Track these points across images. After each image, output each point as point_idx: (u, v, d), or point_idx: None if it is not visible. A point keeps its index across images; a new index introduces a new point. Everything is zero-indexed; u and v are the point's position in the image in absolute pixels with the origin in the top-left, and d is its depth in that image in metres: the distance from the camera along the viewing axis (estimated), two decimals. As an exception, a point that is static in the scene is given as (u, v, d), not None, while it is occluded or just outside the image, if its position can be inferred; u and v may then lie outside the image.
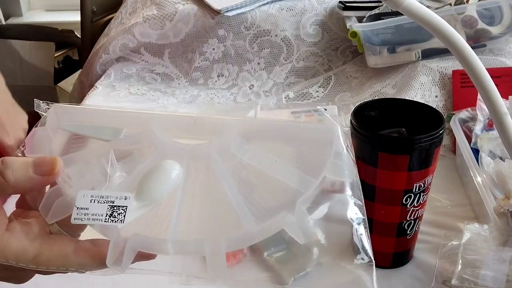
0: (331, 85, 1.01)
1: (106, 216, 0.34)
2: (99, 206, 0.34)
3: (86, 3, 1.39)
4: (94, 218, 0.33)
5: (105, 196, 0.34)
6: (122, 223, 0.33)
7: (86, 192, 0.34)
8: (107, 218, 0.33)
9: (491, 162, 0.61)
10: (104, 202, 0.34)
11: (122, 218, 0.33)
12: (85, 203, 0.34)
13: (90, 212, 0.34)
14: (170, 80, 1.08)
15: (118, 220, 0.33)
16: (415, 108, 0.57)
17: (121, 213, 0.34)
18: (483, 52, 0.91)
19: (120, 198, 0.34)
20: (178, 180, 0.36)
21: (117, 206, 0.34)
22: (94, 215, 0.34)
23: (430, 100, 0.85)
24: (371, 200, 0.54)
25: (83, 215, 0.33)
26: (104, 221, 0.33)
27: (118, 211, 0.34)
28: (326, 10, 1.06)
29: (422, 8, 0.45)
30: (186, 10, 1.05)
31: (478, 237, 0.54)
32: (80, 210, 0.34)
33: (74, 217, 0.34)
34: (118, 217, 0.34)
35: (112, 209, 0.34)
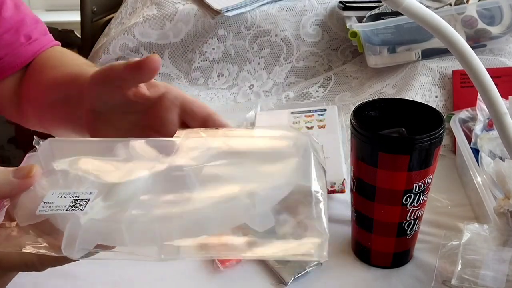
0: (331, 85, 1.01)
1: (69, 206, 0.35)
2: (64, 200, 0.36)
3: (86, 3, 1.39)
4: (57, 209, 0.35)
5: (72, 193, 0.36)
6: (82, 211, 0.35)
7: (56, 190, 0.36)
8: (69, 208, 0.35)
9: (491, 162, 0.61)
10: (70, 197, 0.36)
11: (83, 208, 0.35)
12: (52, 199, 0.36)
13: (54, 205, 0.35)
14: (170, 80, 1.08)
15: (79, 209, 0.35)
16: (415, 108, 0.57)
17: (83, 204, 0.35)
18: (483, 52, 0.91)
19: (85, 193, 0.36)
20: (145, 185, 0.38)
21: (80, 199, 0.36)
22: (58, 206, 0.35)
23: (430, 100, 0.85)
24: (371, 200, 0.54)
25: (48, 207, 0.35)
26: (66, 210, 0.35)
27: (81, 202, 0.35)
28: (326, 10, 1.06)
29: (422, 8, 0.45)
30: (186, 10, 1.05)
31: (478, 237, 0.54)
32: (45, 204, 0.35)
33: (39, 210, 0.35)
34: (79, 207, 0.35)
35: (75, 202, 0.35)
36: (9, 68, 0.69)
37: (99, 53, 1.10)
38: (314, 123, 0.81)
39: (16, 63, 0.70)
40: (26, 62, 0.70)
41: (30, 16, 0.74)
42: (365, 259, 0.59)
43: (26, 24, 0.72)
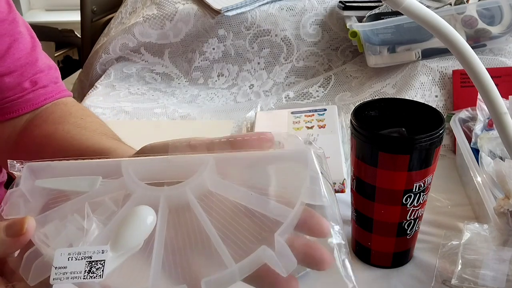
0: (331, 85, 1.01)
1: (85, 272, 0.33)
2: (77, 263, 0.34)
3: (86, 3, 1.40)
4: (73, 276, 0.33)
5: (82, 252, 0.34)
6: (101, 278, 0.33)
7: (63, 250, 0.34)
8: (86, 275, 0.33)
9: (491, 162, 0.61)
10: (82, 258, 0.34)
11: (100, 273, 0.33)
12: (63, 262, 0.34)
13: (68, 271, 0.33)
14: (170, 80, 1.08)
15: (97, 276, 0.33)
16: (415, 108, 0.57)
17: (99, 268, 0.33)
18: (483, 52, 0.91)
19: (97, 252, 0.34)
20: (152, 225, 0.36)
21: (95, 261, 0.34)
22: (73, 273, 0.33)
23: (430, 100, 0.85)
24: (371, 200, 0.54)
25: (62, 274, 0.33)
26: (84, 278, 0.33)
27: (97, 266, 0.34)
28: (326, 10, 1.06)
29: (422, 8, 0.45)
30: (186, 10, 1.05)
31: (478, 237, 0.54)
32: (58, 270, 0.33)
33: (53, 278, 0.33)
34: (96, 272, 0.33)
35: (91, 265, 0.34)
36: (7, 113, 0.64)
37: (99, 53, 1.10)
38: (314, 122, 0.81)
39: (16, 109, 0.64)
40: (26, 110, 0.65)
41: (43, 59, 0.68)
42: (365, 259, 0.59)
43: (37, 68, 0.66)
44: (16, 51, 0.65)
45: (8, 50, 0.64)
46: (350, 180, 0.58)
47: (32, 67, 0.66)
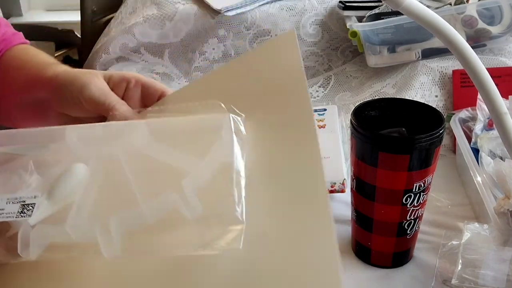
0: (331, 85, 1.01)
1: (18, 213, 0.39)
2: (13, 206, 0.40)
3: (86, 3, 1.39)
4: (8, 216, 0.39)
5: (18, 198, 0.40)
6: (30, 217, 0.39)
7: (3, 196, 0.40)
8: (18, 215, 0.39)
9: (491, 162, 0.61)
10: (17, 202, 0.40)
11: (30, 213, 0.39)
12: (1, 205, 0.40)
13: (5, 212, 0.40)
14: (170, 80, 1.08)
15: (27, 215, 0.39)
16: (415, 108, 0.57)
17: (30, 209, 0.40)
18: (483, 51, 0.91)
19: (30, 197, 0.40)
20: (85, 180, 0.42)
21: (27, 204, 0.40)
22: (8, 213, 0.40)
23: (430, 99, 0.85)
24: (371, 199, 0.54)
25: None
26: (15, 217, 0.39)
27: (28, 207, 0.40)
28: (326, 10, 1.06)
29: (422, 7, 0.45)
30: (186, 10, 1.05)
31: (478, 236, 0.54)
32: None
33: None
34: (27, 213, 0.39)
35: (23, 207, 0.40)
36: None
37: (99, 53, 1.10)
38: (314, 123, 0.81)
39: None
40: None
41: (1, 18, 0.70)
42: (365, 259, 0.59)
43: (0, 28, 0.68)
44: None
45: None
46: (350, 180, 0.58)
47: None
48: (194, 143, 0.44)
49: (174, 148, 0.43)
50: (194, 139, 0.44)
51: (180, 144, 0.44)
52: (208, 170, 0.41)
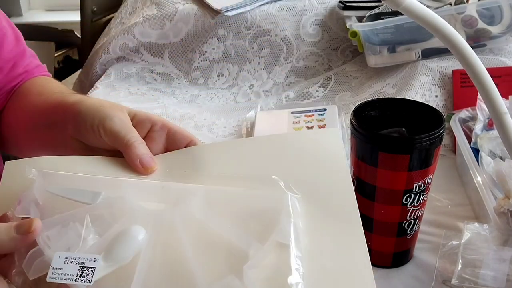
0: (331, 85, 1.01)
1: (77, 276, 0.39)
2: (71, 266, 0.39)
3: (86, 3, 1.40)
4: (66, 278, 0.38)
5: (77, 258, 0.39)
6: (90, 283, 0.38)
7: (61, 253, 0.40)
8: (77, 278, 0.38)
9: (491, 162, 0.61)
10: (76, 263, 0.39)
11: (90, 278, 0.38)
12: (59, 264, 0.39)
13: (63, 272, 0.39)
14: (170, 80, 1.08)
15: (87, 280, 0.38)
16: (415, 108, 0.57)
17: (89, 274, 0.39)
18: (483, 51, 0.91)
19: (90, 260, 0.39)
20: (142, 244, 0.41)
21: (86, 267, 0.39)
22: (67, 274, 0.39)
23: (430, 99, 0.85)
24: (371, 200, 0.54)
25: (57, 274, 0.39)
26: (75, 281, 0.38)
27: (87, 271, 0.39)
28: (326, 10, 1.06)
29: (422, 7, 0.45)
30: (186, 10, 1.05)
31: (478, 236, 0.54)
32: (55, 270, 0.39)
33: (49, 276, 0.39)
34: (87, 277, 0.39)
35: (82, 270, 0.39)
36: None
37: (99, 53, 1.10)
38: (314, 122, 0.81)
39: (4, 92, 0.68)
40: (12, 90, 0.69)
41: (28, 49, 0.73)
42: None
43: (25, 57, 0.71)
44: (7, 44, 0.68)
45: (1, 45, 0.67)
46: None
47: (22, 57, 0.70)
48: (254, 222, 0.43)
49: (233, 224, 0.43)
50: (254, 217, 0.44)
51: (239, 220, 0.44)
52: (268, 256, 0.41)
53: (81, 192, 0.45)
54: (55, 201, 0.44)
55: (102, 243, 0.41)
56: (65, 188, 0.45)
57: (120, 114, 0.52)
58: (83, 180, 0.47)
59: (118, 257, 0.40)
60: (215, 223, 0.43)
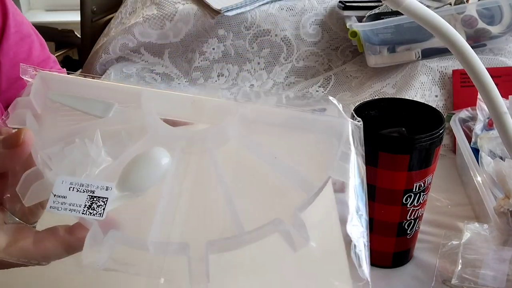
0: (331, 85, 1.01)
1: (85, 207, 0.31)
2: (78, 195, 0.31)
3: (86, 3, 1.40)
4: (72, 209, 0.31)
5: (85, 185, 0.31)
6: (101, 217, 0.31)
7: (65, 178, 0.32)
8: (85, 210, 0.31)
9: (491, 162, 0.61)
10: (84, 191, 0.31)
11: (101, 211, 0.31)
12: (63, 191, 0.31)
13: (67, 201, 0.31)
14: (170, 80, 1.08)
15: (97, 214, 0.31)
16: (415, 108, 0.57)
17: (100, 206, 0.31)
18: (483, 51, 0.91)
19: (101, 188, 0.31)
20: (166, 171, 0.33)
21: (97, 197, 0.31)
22: (72, 205, 0.31)
23: (430, 99, 0.85)
24: (371, 199, 0.54)
25: (60, 204, 0.31)
26: (82, 213, 0.31)
27: (98, 202, 0.31)
28: (326, 10, 1.06)
29: (422, 7, 0.45)
30: (186, 10, 1.05)
31: (478, 236, 0.54)
32: (57, 198, 0.31)
33: (50, 205, 0.31)
34: (97, 209, 0.31)
35: (92, 200, 0.31)
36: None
37: (99, 53, 1.10)
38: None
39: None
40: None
41: (51, 55, 0.77)
42: (365, 259, 0.59)
43: (50, 62, 0.75)
44: (35, 50, 0.72)
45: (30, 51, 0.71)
46: (350, 180, 0.58)
47: (47, 62, 0.74)
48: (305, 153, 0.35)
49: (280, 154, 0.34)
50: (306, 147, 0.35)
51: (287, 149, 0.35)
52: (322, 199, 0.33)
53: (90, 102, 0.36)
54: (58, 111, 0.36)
55: (116, 167, 0.33)
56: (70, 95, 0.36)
57: None
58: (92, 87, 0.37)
59: (136, 186, 0.32)
60: (257, 151, 0.35)
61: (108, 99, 0.36)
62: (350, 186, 0.33)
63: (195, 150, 0.35)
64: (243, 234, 0.31)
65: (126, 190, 0.32)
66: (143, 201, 0.33)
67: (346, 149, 0.34)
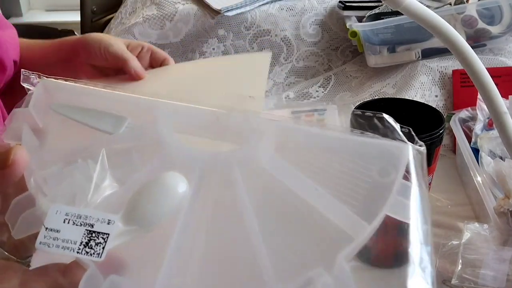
0: (331, 85, 1.01)
1: (81, 245, 0.25)
2: (74, 229, 0.26)
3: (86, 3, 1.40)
4: (65, 246, 0.25)
5: (83, 216, 0.26)
6: (99, 257, 0.25)
7: (60, 207, 0.26)
8: (81, 249, 0.25)
9: (491, 162, 0.61)
10: (81, 224, 0.26)
11: (100, 250, 0.25)
12: (57, 223, 0.26)
13: (61, 237, 0.25)
14: (170, 80, 1.08)
15: (95, 253, 0.25)
16: (415, 108, 0.57)
17: (99, 243, 0.25)
18: (483, 51, 0.91)
19: (102, 221, 0.26)
20: (181, 202, 0.27)
21: (96, 233, 0.26)
22: (66, 241, 0.25)
23: (430, 99, 0.85)
24: (371, 199, 0.54)
25: (52, 239, 0.25)
26: (77, 252, 0.25)
27: (97, 239, 0.25)
28: (326, 10, 1.06)
29: (422, 7, 0.45)
30: (186, 10, 1.05)
31: (478, 236, 0.54)
32: (49, 232, 0.26)
33: (40, 241, 0.25)
34: (95, 248, 0.25)
35: (90, 236, 0.25)
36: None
37: (99, 53, 1.10)
38: (314, 122, 0.81)
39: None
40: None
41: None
42: (365, 259, 0.59)
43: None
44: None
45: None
46: (350, 180, 0.58)
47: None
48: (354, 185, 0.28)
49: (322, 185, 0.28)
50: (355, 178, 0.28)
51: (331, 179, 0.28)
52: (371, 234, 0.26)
53: (99, 115, 0.31)
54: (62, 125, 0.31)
55: (123, 195, 0.28)
56: (77, 107, 0.31)
57: (118, 41, 0.70)
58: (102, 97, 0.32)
59: (145, 219, 0.26)
60: (294, 179, 0.28)
61: (119, 112, 0.31)
62: (412, 229, 0.27)
63: (217, 176, 0.29)
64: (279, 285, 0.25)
65: (133, 224, 0.26)
66: (152, 238, 0.27)
67: (406, 181, 0.28)
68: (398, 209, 0.29)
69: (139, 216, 0.26)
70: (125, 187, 0.28)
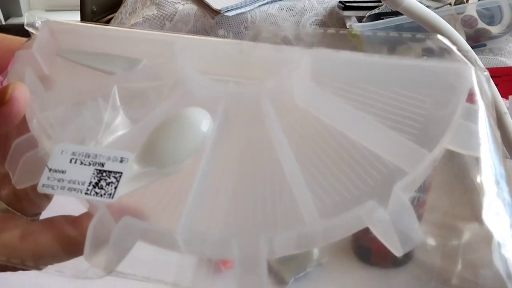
0: (331, 85, 1.01)
1: (90, 185, 0.22)
2: (82, 169, 0.22)
3: (86, 3, 1.40)
4: (71, 188, 0.22)
5: (92, 155, 0.23)
6: (111, 198, 0.22)
7: (66, 146, 0.23)
8: (90, 190, 0.22)
9: (491, 162, 0.61)
10: (90, 163, 0.22)
11: (112, 190, 0.22)
12: (62, 163, 0.22)
13: (67, 178, 0.22)
14: (170, 80, 1.08)
15: (106, 194, 0.22)
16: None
17: (111, 183, 0.22)
18: (483, 51, 0.91)
19: (114, 159, 0.22)
20: (205, 140, 0.24)
21: (107, 172, 0.22)
22: (72, 182, 0.22)
23: (430, 99, 0.85)
24: (371, 200, 0.54)
25: (56, 181, 0.22)
26: (85, 194, 0.22)
27: (108, 179, 0.22)
28: (326, 10, 1.06)
29: (422, 7, 0.45)
30: (186, 10, 1.05)
31: (478, 236, 0.54)
32: (53, 173, 0.22)
33: (43, 183, 0.22)
34: (106, 188, 0.22)
35: (100, 176, 0.22)
36: None
37: (99, 53, 1.10)
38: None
39: None
40: None
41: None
42: (365, 259, 0.59)
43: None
44: None
45: None
46: (350, 180, 0.58)
47: None
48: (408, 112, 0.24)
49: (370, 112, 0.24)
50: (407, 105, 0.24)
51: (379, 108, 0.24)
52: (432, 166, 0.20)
53: (111, 58, 0.27)
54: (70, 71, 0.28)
55: (138, 134, 0.24)
56: (86, 52, 0.28)
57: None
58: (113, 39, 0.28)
59: (164, 158, 0.23)
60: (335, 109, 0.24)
61: (134, 54, 0.27)
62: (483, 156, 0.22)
63: (245, 111, 0.25)
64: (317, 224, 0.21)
65: (150, 165, 0.23)
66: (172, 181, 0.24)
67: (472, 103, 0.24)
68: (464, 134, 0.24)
69: (157, 156, 0.23)
70: (140, 125, 0.25)
